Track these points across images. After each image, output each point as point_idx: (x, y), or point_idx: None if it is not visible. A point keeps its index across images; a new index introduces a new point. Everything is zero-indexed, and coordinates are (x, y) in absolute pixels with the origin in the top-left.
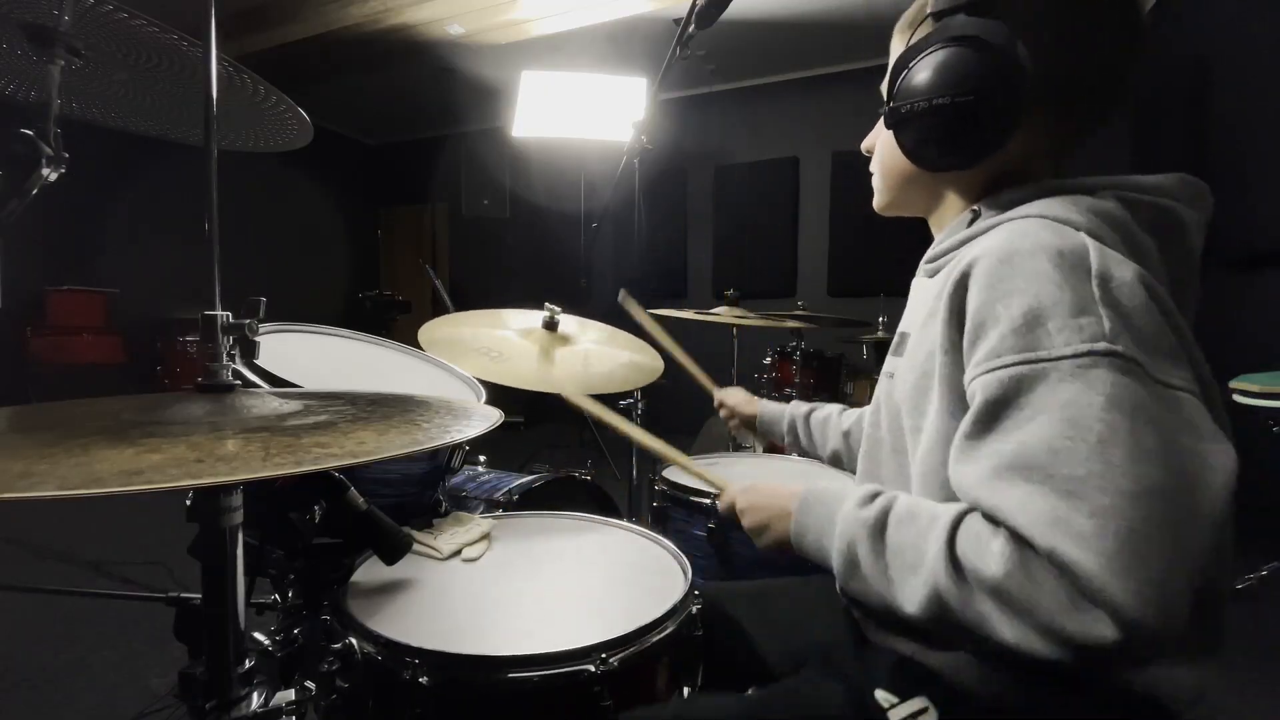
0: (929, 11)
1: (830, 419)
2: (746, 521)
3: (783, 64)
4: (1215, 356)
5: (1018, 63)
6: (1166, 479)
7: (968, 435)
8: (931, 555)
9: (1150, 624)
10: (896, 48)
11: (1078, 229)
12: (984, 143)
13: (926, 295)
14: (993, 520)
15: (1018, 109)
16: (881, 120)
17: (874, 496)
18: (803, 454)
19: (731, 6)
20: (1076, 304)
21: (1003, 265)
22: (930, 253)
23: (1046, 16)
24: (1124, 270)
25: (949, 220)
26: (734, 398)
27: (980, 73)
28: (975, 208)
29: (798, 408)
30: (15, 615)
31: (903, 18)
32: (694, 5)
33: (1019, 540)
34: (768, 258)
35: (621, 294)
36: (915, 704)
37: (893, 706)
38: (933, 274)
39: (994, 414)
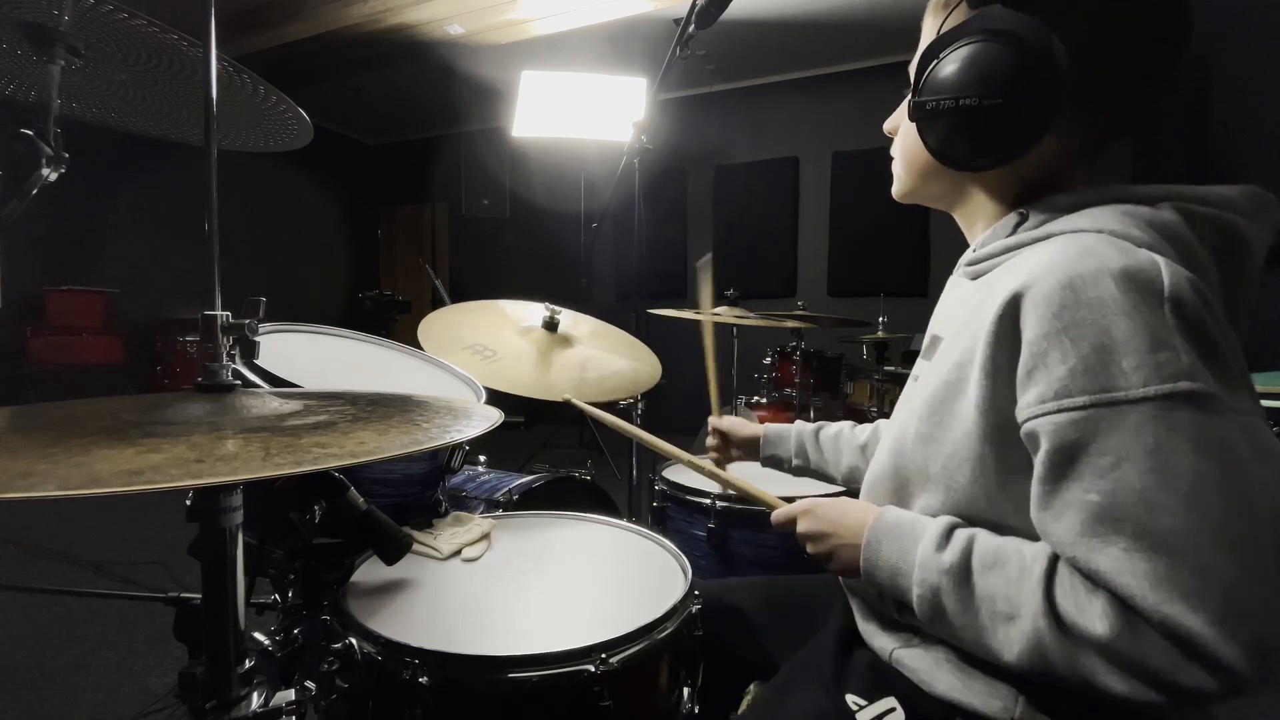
0: None
1: (842, 434)
2: (810, 549)
3: (783, 64)
4: None
5: (1053, 64)
6: (1256, 520)
7: (1044, 481)
8: (1029, 608)
9: (1253, 672)
10: (928, 29)
11: (1142, 245)
12: (1011, 146)
13: (964, 301)
14: (1090, 577)
15: (1049, 113)
16: (904, 103)
17: (949, 533)
18: (810, 475)
19: (731, 6)
20: (1151, 337)
21: (1065, 291)
22: (972, 255)
23: (1086, 9)
24: (1192, 290)
25: (981, 218)
26: (728, 422)
27: (1013, 75)
28: (1022, 210)
29: (804, 426)
30: (15, 615)
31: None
32: (694, 5)
33: (1122, 603)
34: (768, 258)
35: (704, 260)
36: (883, 705)
37: (861, 709)
38: (974, 277)
39: (1069, 458)
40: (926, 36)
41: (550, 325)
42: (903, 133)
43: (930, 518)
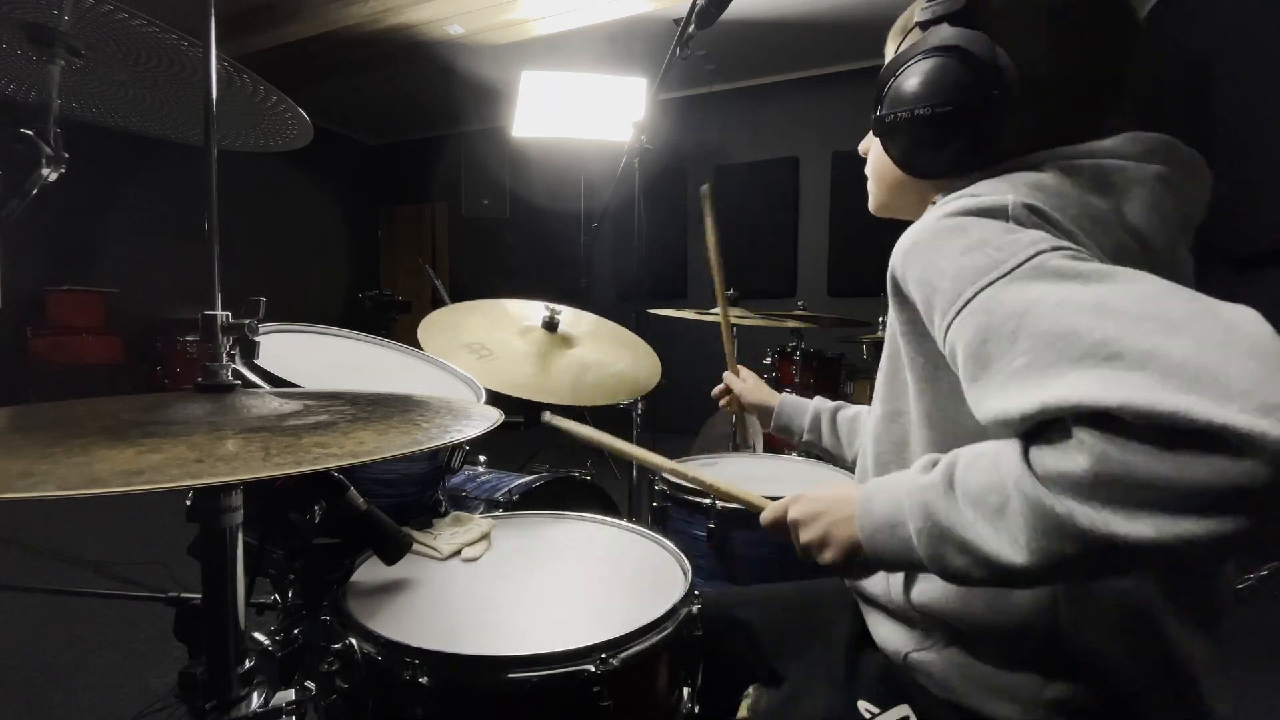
0: (915, 21)
1: (860, 417)
2: (805, 535)
3: (783, 64)
4: None
5: (999, 72)
6: (1187, 303)
7: (972, 378)
8: (1012, 485)
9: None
10: (889, 52)
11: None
12: (966, 150)
13: None
14: (1057, 425)
15: (999, 118)
16: None
17: (933, 462)
18: (820, 453)
19: (731, 6)
20: (1004, 229)
21: (920, 233)
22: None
23: (1033, 21)
24: (1032, 210)
25: None
26: (743, 384)
27: (960, 83)
28: (933, 200)
29: (824, 403)
30: (15, 615)
31: (895, 24)
32: (694, 5)
33: (1092, 420)
34: (768, 258)
35: (705, 189)
36: (896, 713)
37: (874, 717)
38: None
39: (981, 345)
40: (888, 60)
41: (550, 325)
42: (872, 150)
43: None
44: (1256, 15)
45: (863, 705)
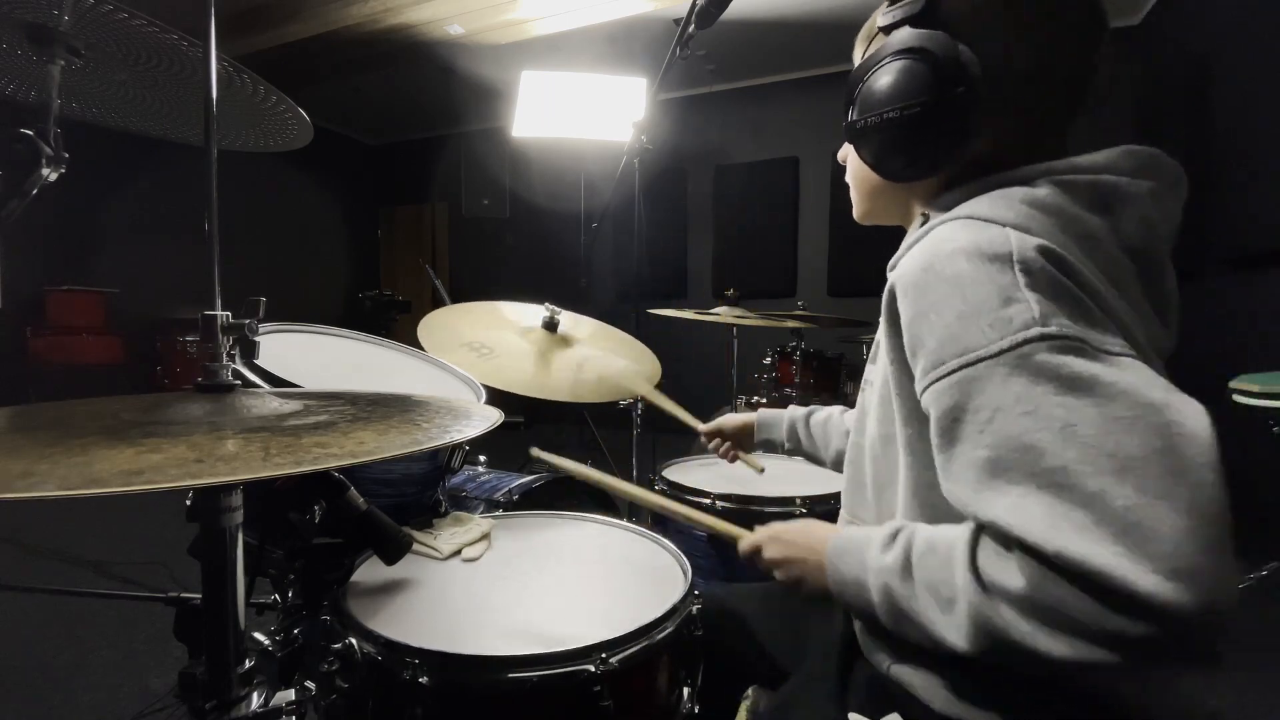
0: (878, 26)
1: (831, 419)
2: (780, 575)
3: (783, 64)
4: (1215, 356)
5: (962, 68)
6: (1146, 442)
7: (939, 449)
8: (961, 584)
9: (1184, 600)
10: (856, 60)
11: (1003, 224)
12: (939, 149)
13: None
14: (1002, 533)
15: (967, 115)
16: None
17: (893, 535)
18: (803, 455)
19: (731, 6)
20: (1001, 295)
21: (925, 274)
22: (892, 260)
23: (994, 17)
24: (1039, 252)
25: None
26: (718, 421)
27: (924, 83)
28: (924, 212)
29: (796, 411)
30: (15, 615)
31: (860, 31)
32: (694, 5)
33: (1029, 549)
34: (768, 258)
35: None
36: None
37: None
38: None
39: (953, 422)
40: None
41: (550, 325)
42: (850, 157)
43: (882, 525)
44: (1256, 16)
45: (854, 717)
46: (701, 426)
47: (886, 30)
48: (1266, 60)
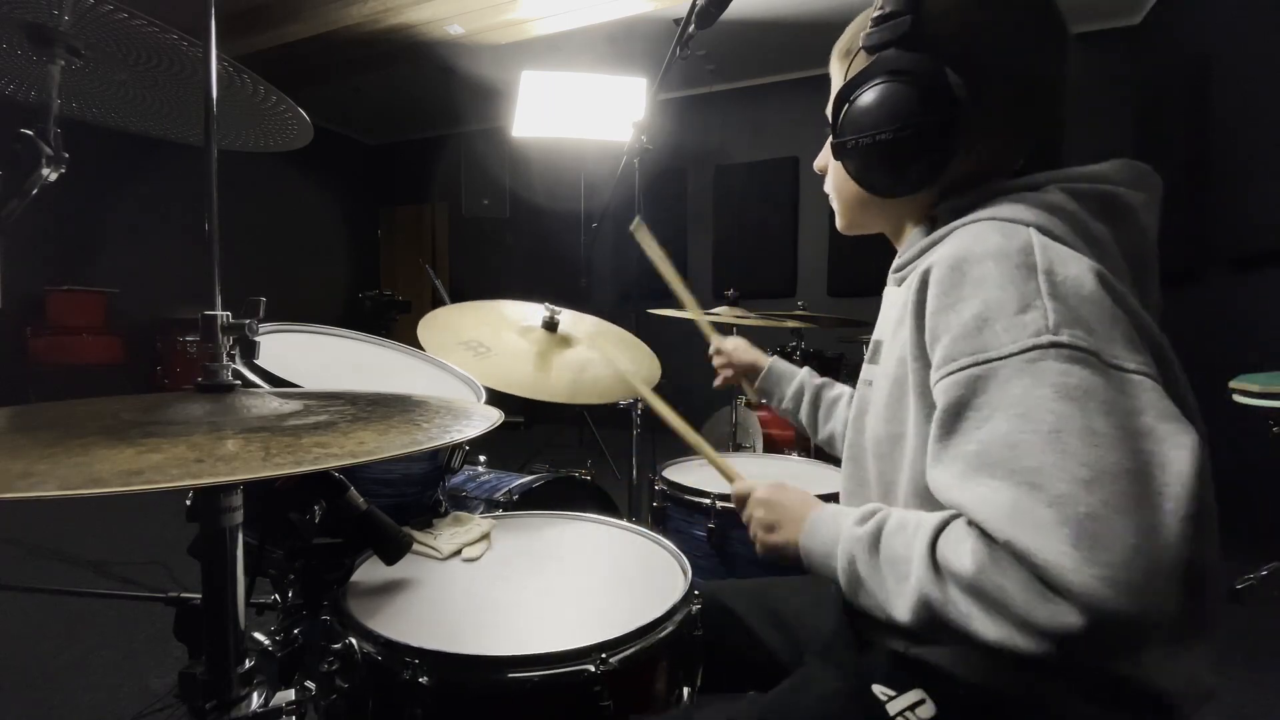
0: (861, 45)
1: (841, 400)
2: (760, 513)
3: (783, 64)
4: (1215, 356)
5: (950, 94)
6: (1123, 461)
7: (936, 439)
8: (916, 561)
9: (1117, 608)
10: (835, 74)
11: (1027, 225)
12: (927, 168)
13: (895, 303)
14: (968, 521)
15: (955, 134)
16: (828, 143)
17: (871, 514)
18: (793, 421)
19: (731, 6)
20: (1020, 301)
21: (954, 271)
22: (896, 262)
23: (976, 39)
24: (1071, 263)
25: (909, 234)
26: (732, 343)
27: (914, 107)
28: (933, 214)
29: (812, 376)
30: (15, 615)
31: (837, 44)
32: (694, 5)
33: (986, 536)
34: (768, 258)
35: (635, 221)
36: (912, 696)
37: (890, 700)
38: (899, 282)
39: (955, 416)
40: (835, 82)
41: (550, 325)
42: (832, 170)
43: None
44: (1256, 16)
45: (877, 689)
46: (715, 340)
47: (870, 50)
48: (1266, 60)
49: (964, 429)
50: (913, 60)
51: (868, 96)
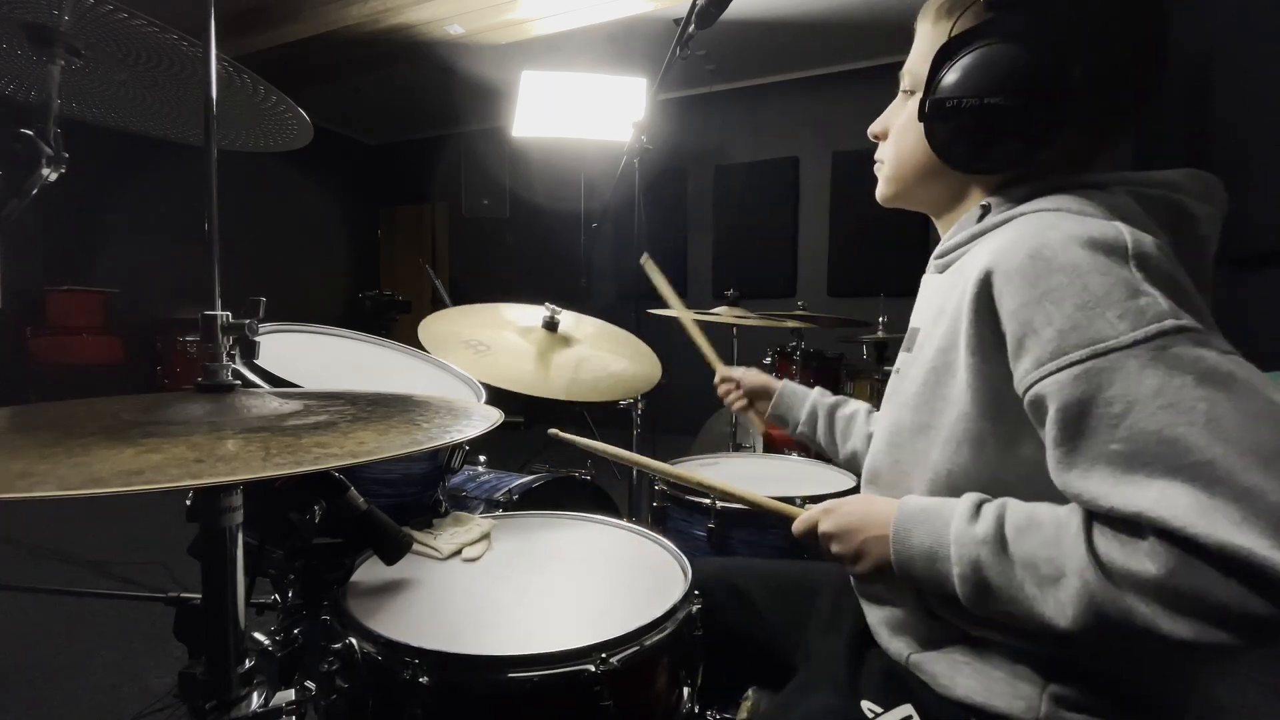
0: None
1: (857, 417)
2: (836, 548)
3: (783, 64)
4: None
5: (1068, 70)
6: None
7: (1058, 442)
8: (1074, 564)
9: None
10: (927, 32)
11: (1103, 218)
12: (1027, 146)
13: (936, 291)
14: (1130, 522)
15: (1065, 114)
16: (895, 105)
17: (978, 507)
18: (813, 445)
19: (731, 6)
20: (1128, 287)
21: (1036, 261)
22: (940, 248)
23: (1095, 20)
24: (1154, 246)
25: (957, 218)
26: (740, 370)
27: (1037, 75)
28: (985, 203)
29: (823, 397)
30: (15, 615)
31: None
32: (694, 5)
33: (1172, 537)
34: (768, 258)
35: (644, 258)
36: (900, 712)
37: (877, 716)
38: (943, 269)
39: (1080, 415)
40: (927, 39)
41: (550, 325)
42: (897, 134)
43: (955, 498)
44: (1256, 16)
45: (866, 705)
46: (721, 369)
47: (991, 6)
48: (1267, 60)
49: (1096, 428)
50: (1039, 27)
51: (980, 56)
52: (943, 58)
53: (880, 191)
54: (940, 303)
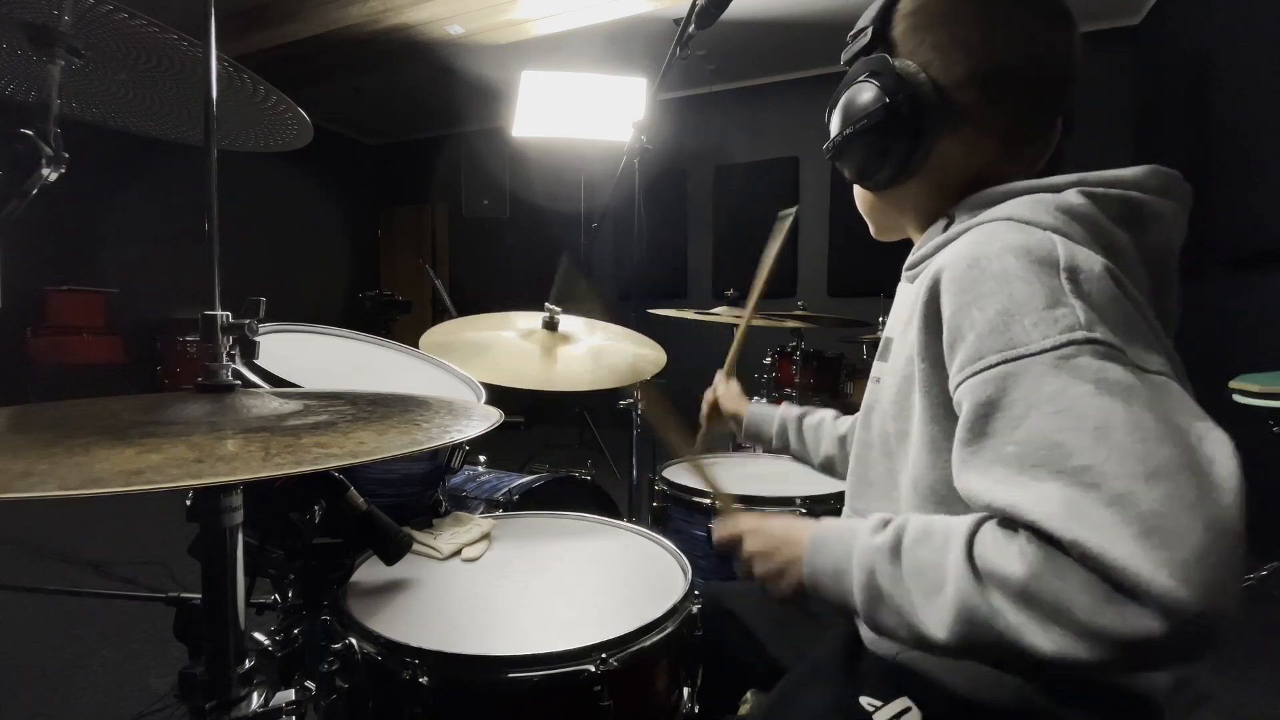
0: (842, 62)
1: (824, 424)
2: (758, 569)
3: (783, 64)
4: (1215, 356)
5: (904, 79)
6: (1175, 455)
7: (965, 442)
8: (952, 571)
9: (1195, 606)
10: None
11: (1044, 229)
12: (904, 152)
13: (905, 300)
14: (1010, 522)
15: (919, 117)
16: None
17: (885, 523)
18: (790, 456)
19: (731, 6)
20: (1048, 297)
21: (971, 269)
22: (910, 259)
23: (928, 33)
24: (1091, 263)
25: (927, 233)
26: (725, 388)
27: (873, 96)
28: (949, 214)
29: (789, 410)
30: (15, 615)
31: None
32: (694, 5)
33: (1040, 536)
34: None
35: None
36: (898, 705)
37: (876, 710)
38: (912, 280)
39: (985, 416)
40: None
41: (550, 325)
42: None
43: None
44: (1256, 16)
45: (865, 700)
46: (720, 377)
47: (848, 63)
48: (1266, 60)
49: (998, 429)
50: (871, 61)
51: (839, 102)
52: (826, 114)
53: (871, 233)
54: (907, 313)
